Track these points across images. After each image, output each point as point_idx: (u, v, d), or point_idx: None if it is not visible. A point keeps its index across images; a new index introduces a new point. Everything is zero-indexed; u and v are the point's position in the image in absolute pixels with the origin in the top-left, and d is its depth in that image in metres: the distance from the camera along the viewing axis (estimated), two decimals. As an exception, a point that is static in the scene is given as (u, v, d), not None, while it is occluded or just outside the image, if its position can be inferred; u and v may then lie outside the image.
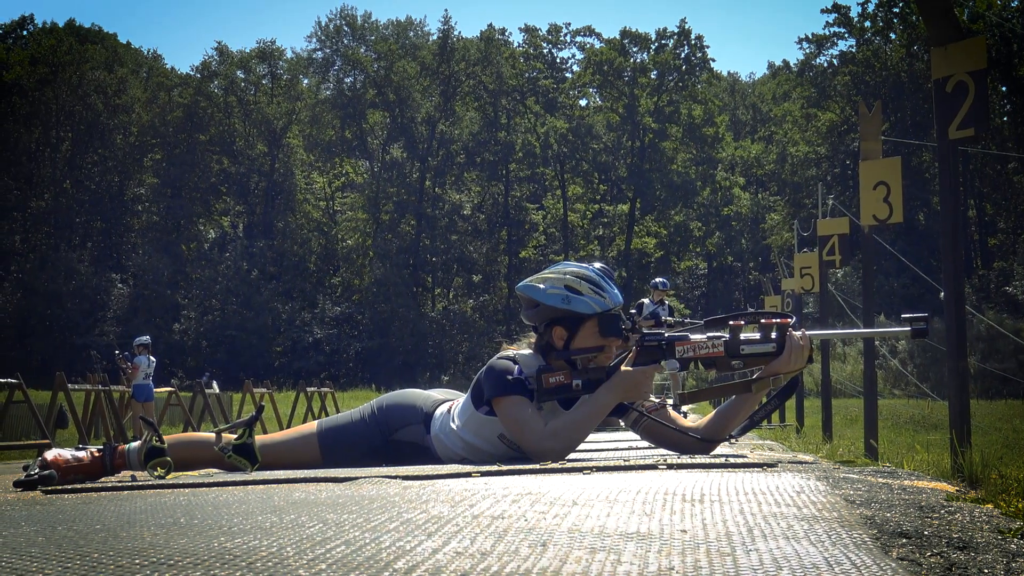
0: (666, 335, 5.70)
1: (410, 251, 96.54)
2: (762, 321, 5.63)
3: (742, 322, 5.62)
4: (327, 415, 34.55)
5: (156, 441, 5.47)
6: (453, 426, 5.80)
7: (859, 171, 8.83)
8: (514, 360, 5.66)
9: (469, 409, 5.74)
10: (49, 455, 5.43)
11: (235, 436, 5.58)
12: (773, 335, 5.52)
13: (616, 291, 5.74)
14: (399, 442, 5.89)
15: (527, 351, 5.78)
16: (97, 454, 5.59)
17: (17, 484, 5.19)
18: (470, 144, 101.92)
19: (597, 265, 5.77)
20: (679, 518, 2.81)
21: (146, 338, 28.66)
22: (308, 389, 39.34)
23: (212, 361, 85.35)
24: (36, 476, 5.15)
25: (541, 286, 5.66)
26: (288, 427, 32.81)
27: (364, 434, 5.90)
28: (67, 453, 5.50)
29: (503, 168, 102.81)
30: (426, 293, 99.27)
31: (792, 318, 5.69)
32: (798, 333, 5.50)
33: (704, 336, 5.68)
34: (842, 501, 3.29)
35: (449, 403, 5.98)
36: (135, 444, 5.66)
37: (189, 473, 5.75)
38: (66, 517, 3.38)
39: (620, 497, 3.25)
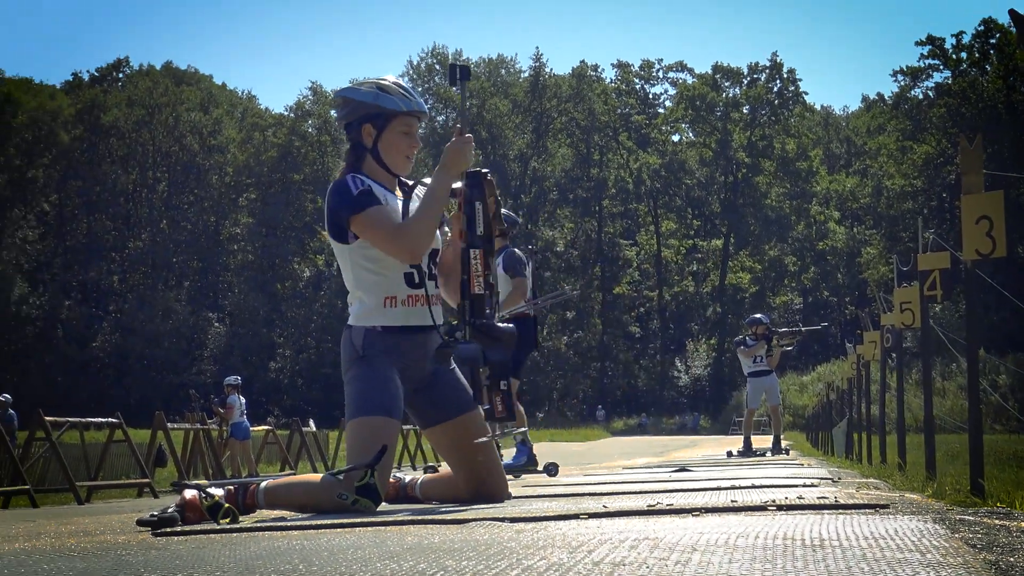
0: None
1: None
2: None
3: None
4: (423, 455, 34.60)
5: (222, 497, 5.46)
6: (353, 298, 6.13)
7: (961, 205, 8.70)
8: (350, 178, 6.03)
9: (344, 256, 6.10)
10: (188, 494, 5.45)
11: (357, 479, 5.54)
12: None
13: (420, 100, 6.14)
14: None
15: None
16: (233, 492, 5.63)
17: (141, 523, 5.23)
18: (563, 181, 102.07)
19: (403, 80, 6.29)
20: (802, 564, 2.77)
21: (235, 378, 28.85)
22: (404, 427, 39.33)
23: (308, 399, 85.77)
24: (156, 519, 5.16)
25: (362, 85, 6.08)
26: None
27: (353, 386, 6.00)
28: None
29: (596, 204, 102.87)
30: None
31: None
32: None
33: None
34: (964, 545, 3.23)
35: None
36: (264, 484, 5.69)
37: (267, 513, 5.75)
38: (184, 563, 3.38)
39: (739, 543, 3.22)
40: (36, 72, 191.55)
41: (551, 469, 12.20)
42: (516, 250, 13.52)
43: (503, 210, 14.39)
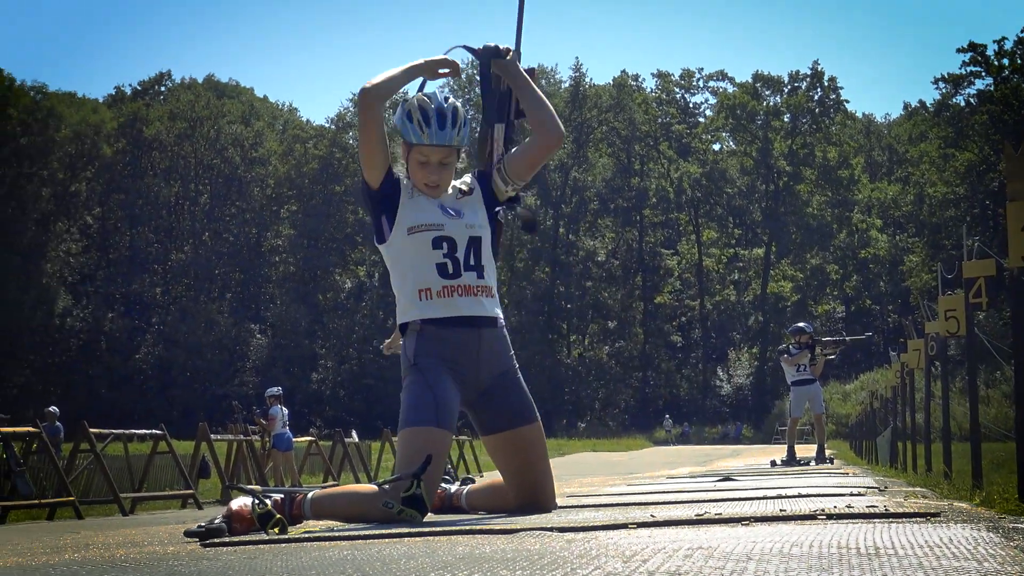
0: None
1: (545, 298, 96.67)
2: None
3: None
4: (465, 465, 34.64)
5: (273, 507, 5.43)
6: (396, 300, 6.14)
7: (1006, 212, 8.64)
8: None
9: (385, 258, 6.16)
10: (235, 505, 5.44)
11: (404, 490, 5.50)
12: None
13: (446, 131, 5.97)
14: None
15: None
16: (280, 502, 5.62)
17: (189, 534, 5.22)
18: (603, 190, 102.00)
19: (449, 100, 6.06)
20: (859, 573, 2.75)
21: (277, 389, 28.79)
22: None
23: (350, 410, 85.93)
24: (204, 530, 5.16)
25: (405, 101, 6.10)
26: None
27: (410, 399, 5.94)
28: (251, 503, 5.50)
29: (637, 214, 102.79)
30: (561, 340, 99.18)
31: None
32: None
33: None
34: (1020, 553, 3.20)
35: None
36: (311, 495, 5.68)
37: (314, 523, 5.74)
38: (236, 573, 3.38)
39: (794, 551, 3.20)
40: (79, 86, 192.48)
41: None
42: None
43: None
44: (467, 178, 6.21)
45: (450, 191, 6.10)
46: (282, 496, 5.69)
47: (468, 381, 5.97)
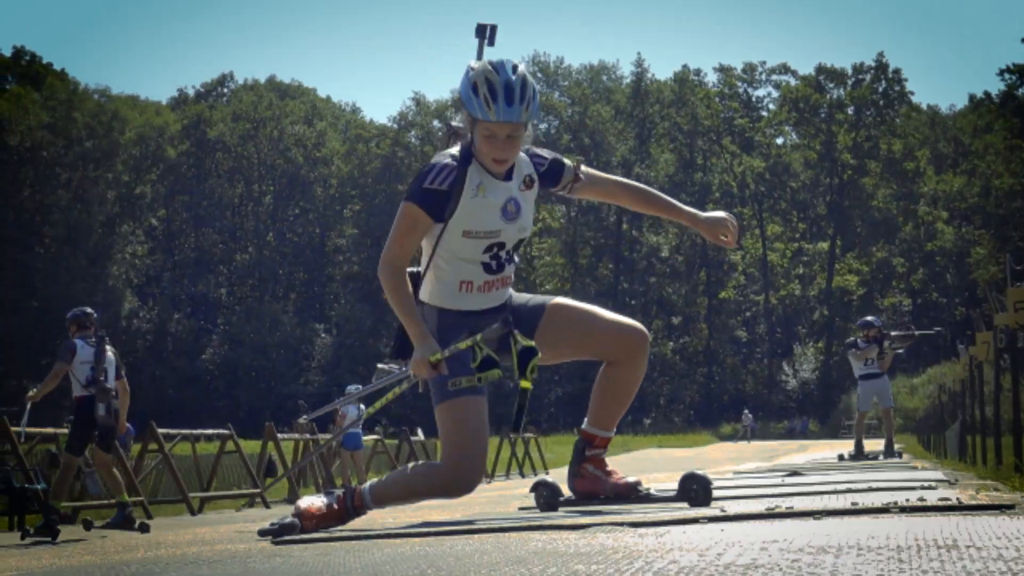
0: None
1: (609, 294, 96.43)
2: None
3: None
4: (531, 463, 34.57)
5: None
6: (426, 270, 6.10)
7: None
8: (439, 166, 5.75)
9: (433, 241, 5.97)
10: (303, 503, 5.48)
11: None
12: None
13: (513, 108, 5.56)
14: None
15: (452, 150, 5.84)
16: (342, 496, 5.65)
17: (262, 533, 5.25)
18: (666, 185, 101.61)
19: (518, 71, 5.65)
20: (939, 565, 2.73)
21: (356, 387, 28.81)
22: (511, 435, 39.52)
23: (415, 408, 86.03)
24: (277, 527, 5.18)
25: (471, 70, 5.66)
26: (493, 473, 33.01)
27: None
28: (319, 501, 5.54)
29: (700, 209, 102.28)
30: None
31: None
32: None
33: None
34: (1100, 544, 3.17)
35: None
36: (368, 485, 5.71)
37: (378, 513, 5.77)
38: (310, 570, 3.39)
39: (870, 543, 3.17)
40: (142, 89, 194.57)
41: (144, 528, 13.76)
42: (76, 339, 14.31)
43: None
44: (529, 162, 5.95)
45: (515, 176, 5.83)
46: (344, 490, 5.72)
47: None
